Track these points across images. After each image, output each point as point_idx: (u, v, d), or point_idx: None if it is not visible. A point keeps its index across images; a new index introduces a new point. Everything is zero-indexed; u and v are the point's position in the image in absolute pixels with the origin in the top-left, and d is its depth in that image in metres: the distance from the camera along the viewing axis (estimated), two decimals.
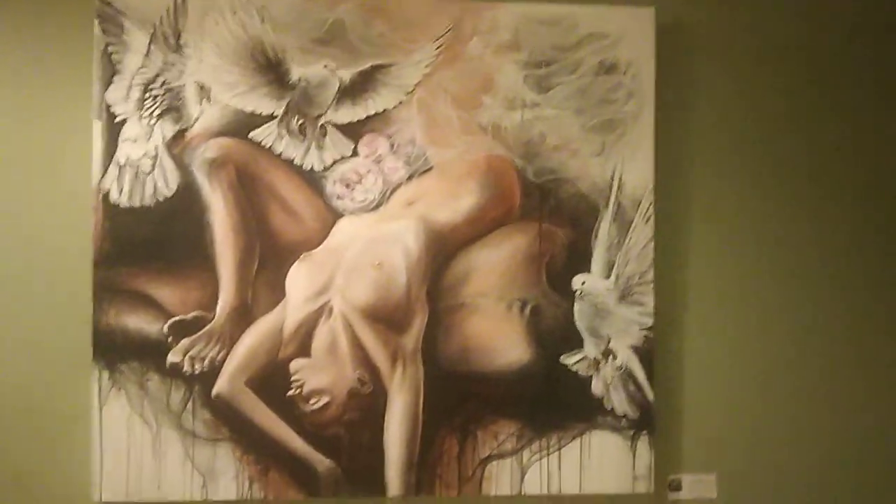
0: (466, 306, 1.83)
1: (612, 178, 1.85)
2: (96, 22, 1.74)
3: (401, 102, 1.82)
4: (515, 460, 1.84)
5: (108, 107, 1.76)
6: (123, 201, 1.76)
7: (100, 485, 1.76)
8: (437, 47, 1.81)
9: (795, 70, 1.94)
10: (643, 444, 1.85)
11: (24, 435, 1.78)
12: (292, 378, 1.79)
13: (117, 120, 1.76)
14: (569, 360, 1.84)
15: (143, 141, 1.77)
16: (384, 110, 1.81)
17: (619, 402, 1.85)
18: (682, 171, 1.91)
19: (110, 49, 1.75)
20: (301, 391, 1.79)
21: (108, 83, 1.76)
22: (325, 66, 1.79)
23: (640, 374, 1.85)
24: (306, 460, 1.79)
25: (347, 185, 1.81)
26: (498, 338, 1.83)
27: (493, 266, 1.83)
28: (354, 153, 1.81)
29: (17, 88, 1.79)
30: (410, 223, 1.82)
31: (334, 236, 1.81)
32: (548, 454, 1.84)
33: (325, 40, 1.80)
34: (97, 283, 1.76)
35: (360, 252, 1.81)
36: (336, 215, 1.81)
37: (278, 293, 1.80)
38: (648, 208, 1.85)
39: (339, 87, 1.80)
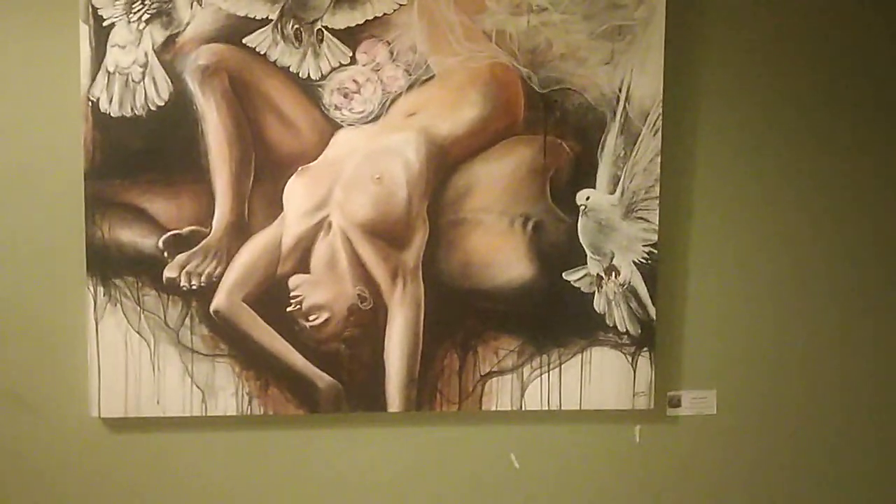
0: (468, 221, 1.80)
1: (620, 89, 1.80)
2: None
3: (401, 6, 1.75)
4: (516, 376, 1.85)
5: (95, 9, 1.69)
6: (114, 110, 1.71)
7: (98, 401, 1.77)
8: None
9: None
10: (644, 360, 1.85)
11: (19, 351, 1.77)
12: (291, 294, 1.78)
13: (105, 24, 1.69)
14: (571, 276, 1.83)
15: (132, 47, 1.70)
16: (383, 14, 1.74)
17: (620, 318, 1.85)
18: (693, 82, 1.86)
19: None
20: (300, 307, 1.78)
21: None
22: None
23: (643, 291, 1.84)
24: (306, 376, 1.80)
25: (345, 95, 1.75)
26: (500, 254, 1.81)
27: (495, 180, 1.80)
28: (352, 61, 1.75)
29: None
30: (411, 135, 1.77)
31: (332, 149, 1.76)
32: (548, 370, 1.85)
33: None
34: (89, 195, 1.72)
35: (359, 165, 1.77)
36: (334, 126, 1.76)
37: (275, 207, 1.76)
38: (657, 120, 1.80)
39: None
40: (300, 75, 1.74)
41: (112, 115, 1.71)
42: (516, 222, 1.81)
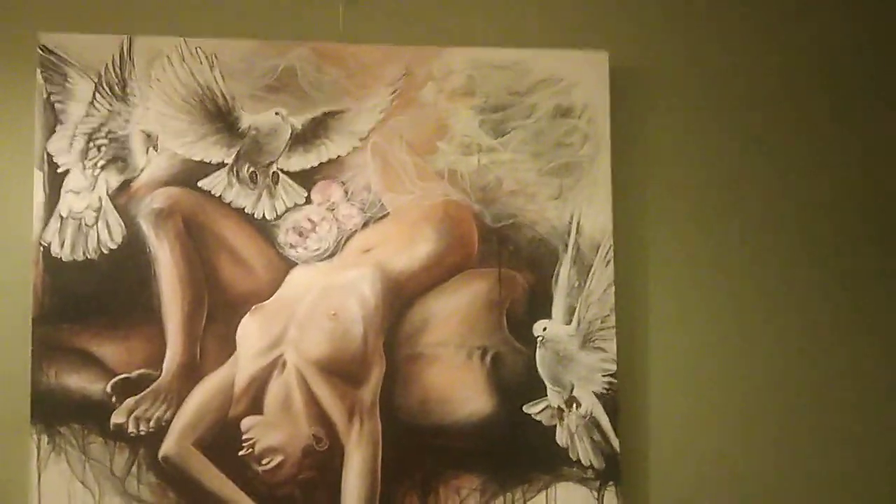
0: (425, 356, 1.81)
1: (571, 222, 1.86)
2: (38, 70, 1.73)
3: (355, 149, 1.82)
4: None
5: (51, 157, 1.74)
6: (66, 255, 1.73)
7: None
8: (392, 93, 1.83)
9: (750, 110, 2.00)
10: (610, 495, 1.82)
11: None
12: (244, 437, 1.75)
13: (60, 170, 1.74)
14: (532, 409, 1.83)
15: (86, 192, 1.74)
16: (338, 157, 1.82)
17: (584, 451, 1.83)
18: (641, 213, 1.94)
19: (53, 98, 1.74)
20: (253, 450, 1.75)
21: (50, 133, 1.74)
22: (277, 114, 1.79)
23: (605, 422, 1.84)
24: None
25: (300, 234, 1.80)
26: (458, 388, 1.81)
27: (451, 313, 1.83)
28: (307, 201, 1.80)
29: None
30: (366, 271, 1.81)
31: (287, 287, 1.79)
32: None
33: (276, 87, 1.80)
34: (37, 341, 1.71)
35: (314, 302, 1.79)
36: (289, 265, 1.79)
37: (228, 347, 1.76)
38: (608, 252, 1.86)
39: (290, 134, 1.80)
40: (255, 216, 1.79)
41: (63, 259, 1.73)
42: (474, 355, 1.83)
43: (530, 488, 1.81)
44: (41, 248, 1.72)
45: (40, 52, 1.73)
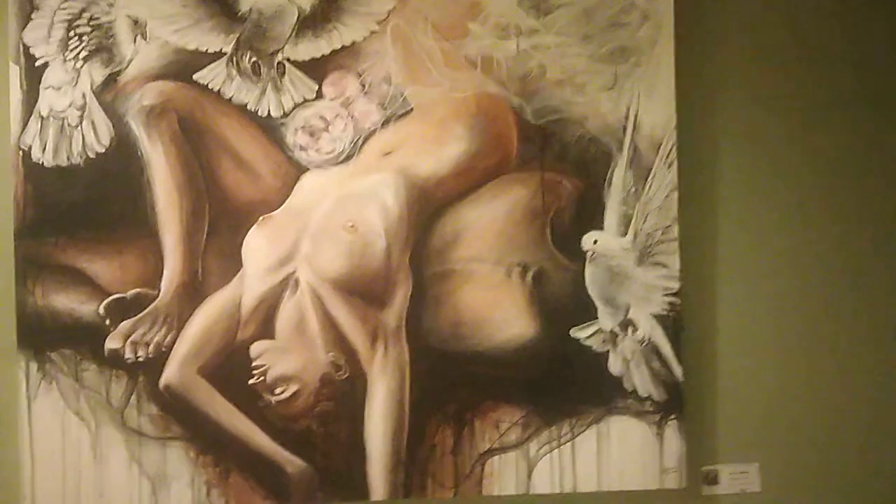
0: (457, 273, 1.61)
1: (627, 117, 1.62)
2: None
3: (372, 33, 1.59)
4: (521, 454, 1.62)
5: (27, 48, 1.55)
6: (48, 159, 1.55)
7: (31, 496, 1.56)
8: None
9: None
10: (672, 430, 1.62)
11: None
12: (254, 363, 1.58)
13: (38, 64, 1.55)
14: (580, 333, 1.62)
15: (68, 88, 1.55)
16: (352, 43, 1.59)
17: (641, 381, 1.62)
18: (709, 105, 1.68)
19: None
20: (265, 378, 1.58)
21: (25, 21, 1.55)
22: None
23: (666, 348, 1.63)
24: (273, 460, 1.58)
25: (312, 134, 1.59)
26: (496, 309, 1.61)
27: (487, 225, 1.61)
28: (319, 95, 1.59)
29: None
30: (388, 177, 1.60)
31: (298, 194, 1.59)
32: (559, 445, 1.62)
33: None
34: (19, 257, 1.55)
35: (328, 212, 1.59)
36: (299, 169, 1.59)
37: (234, 264, 1.58)
38: (670, 151, 1.62)
39: (297, 18, 1.58)
40: (260, 113, 1.58)
41: (46, 164, 1.55)
42: (513, 272, 1.62)
43: (579, 422, 1.62)
44: (20, 153, 1.55)
45: None
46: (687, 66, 1.65)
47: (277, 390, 1.58)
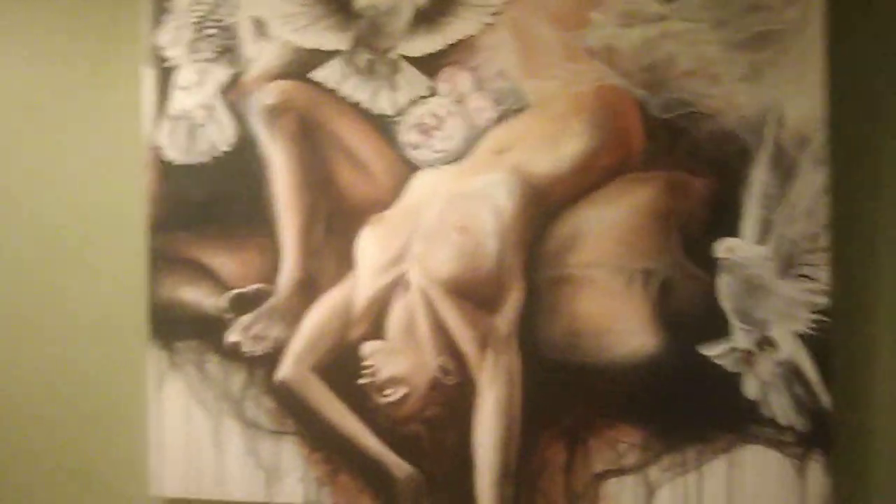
0: (575, 279, 1.51)
1: (768, 110, 1.44)
2: None
3: (487, 26, 1.53)
4: (640, 479, 1.49)
5: (159, 51, 1.63)
6: (178, 158, 1.63)
7: (159, 479, 1.65)
8: None
9: None
10: (817, 466, 1.43)
11: (77, 420, 1.71)
12: (364, 363, 1.58)
13: (167, 65, 1.63)
14: (711, 350, 1.47)
15: (196, 89, 1.62)
16: (467, 37, 1.53)
17: (781, 408, 1.45)
18: (867, 95, 1.46)
19: None
20: (374, 379, 1.57)
21: (158, 24, 1.63)
22: None
23: (811, 372, 1.44)
24: (382, 463, 1.57)
25: (424, 132, 1.55)
26: (616, 319, 1.50)
27: (608, 228, 1.50)
28: (432, 92, 1.55)
29: (59, 35, 1.70)
30: (502, 176, 1.53)
31: (410, 194, 1.56)
32: (684, 473, 1.48)
33: None
34: (153, 250, 1.64)
35: (440, 213, 1.55)
36: (412, 168, 1.56)
37: (347, 263, 1.58)
38: (820, 148, 1.43)
39: (412, 12, 1.54)
40: (373, 111, 1.57)
41: (176, 163, 1.63)
42: (636, 280, 1.49)
43: (707, 449, 1.47)
44: (153, 152, 1.64)
45: None
46: (841, 51, 1.44)
47: (387, 392, 1.57)
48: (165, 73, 1.63)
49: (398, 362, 1.57)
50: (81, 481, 1.70)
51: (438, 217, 1.55)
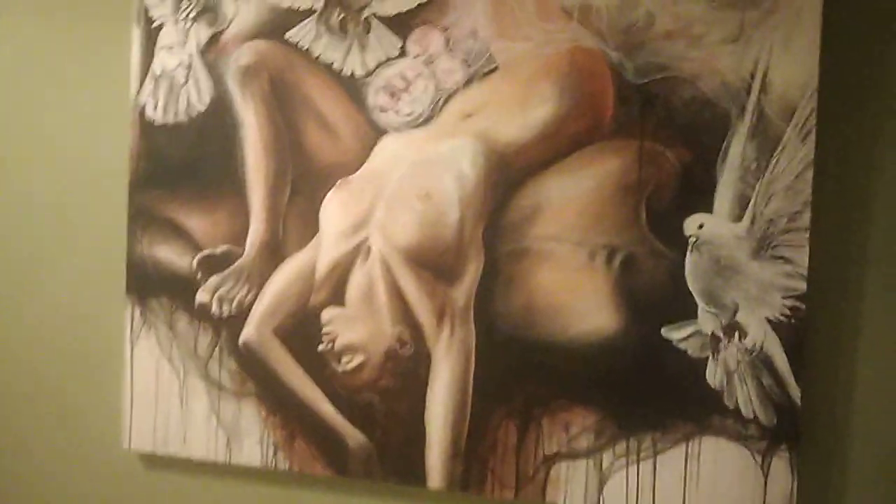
0: (534, 252, 1.45)
1: (753, 75, 1.34)
2: None
3: None
4: (592, 463, 1.43)
5: (146, 10, 1.66)
6: (158, 117, 1.66)
7: (129, 432, 1.69)
8: None
9: None
10: (781, 462, 1.33)
11: (60, 368, 1.77)
12: (323, 330, 1.57)
13: (154, 25, 1.66)
14: (674, 333, 1.38)
15: (178, 48, 1.64)
16: None
17: (746, 398, 1.35)
18: (863, 62, 1.34)
19: None
20: (332, 346, 1.56)
21: None
22: None
23: (782, 362, 1.33)
24: (336, 432, 1.56)
25: (392, 95, 1.52)
26: (576, 296, 1.43)
27: (572, 199, 1.43)
28: (402, 53, 1.52)
29: None
30: (466, 142, 1.48)
31: (376, 158, 1.54)
32: (638, 460, 1.40)
33: None
34: (133, 207, 1.68)
35: (404, 178, 1.52)
36: (379, 132, 1.53)
37: (313, 226, 1.57)
38: (808, 118, 1.31)
39: None
40: (344, 72, 1.55)
41: (156, 122, 1.66)
42: (598, 256, 1.42)
43: (664, 437, 1.39)
44: (137, 111, 1.67)
45: None
46: (836, 13, 1.32)
47: (344, 359, 1.55)
48: (153, 33, 1.67)
49: (356, 330, 1.55)
50: (65, 430, 1.77)
51: (401, 183, 1.52)
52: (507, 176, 1.47)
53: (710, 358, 1.37)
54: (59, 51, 1.75)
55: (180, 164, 1.65)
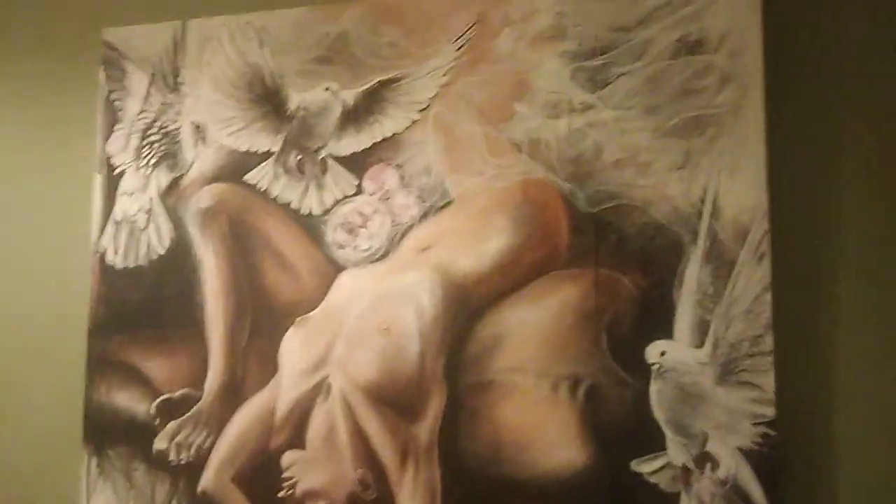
0: (497, 385, 1.43)
1: (703, 200, 1.36)
2: (101, 69, 1.72)
3: (414, 122, 1.52)
4: None
5: (109, 158, 1.70)
6: (118, 262, 1.67)
7: None
8: (459, 48, 1.51)
9: None
10: None
11: None
12: (284, 475, 1.52)
13: (116, 172, 1.70)
14: (644, 467, 1.34)
15: (139, 193, 1.67)
16: (393, 135, 1.53)
17: None
18: (812, 183, 1.36)
19: (113, 96, 1.71)
20: (293, 492, 1.50)
21: (109, 133, 1.71)
22: (327, 89, 1.57)
23: (757, 493, 1.28)
24: None
25: (350, 231, 1.54)
26: (541, 430, 1.39)
27: (532, 329, 1.42)
28: (359, 190, 1.55)
29: (22, 142, 1.80)
30: (424, 274, 1.48)
31: (334, 294, 1.53)
32: None
33: (327, 58, 1.58)
34: (91, 354, 1.66)
35: (363, 314, 1.51)
36: (337, 268, 1.54)
37: (271, 366, 1.55)
38: (761, 241, 1.32)
39: (341, 112, 1.56)
40: (302, 211, 1.57)
41: (117, 266, 1.67)
42: (562, 386, 1.39)
43: None
44: (97, 256, 1.69)
45: (104, 48, 1.72)
46: (781, 135, 1.36)
47: None
48: (113, 179, 1.70)
49: (317, 474, 1.50)
50: None
51: (361, 318, 1.51)
52: (467, 307, 1.46)
53: (683, 492, 1.32)
54: (20, 198, 1.78)
55: (140, 307, 1.65)
